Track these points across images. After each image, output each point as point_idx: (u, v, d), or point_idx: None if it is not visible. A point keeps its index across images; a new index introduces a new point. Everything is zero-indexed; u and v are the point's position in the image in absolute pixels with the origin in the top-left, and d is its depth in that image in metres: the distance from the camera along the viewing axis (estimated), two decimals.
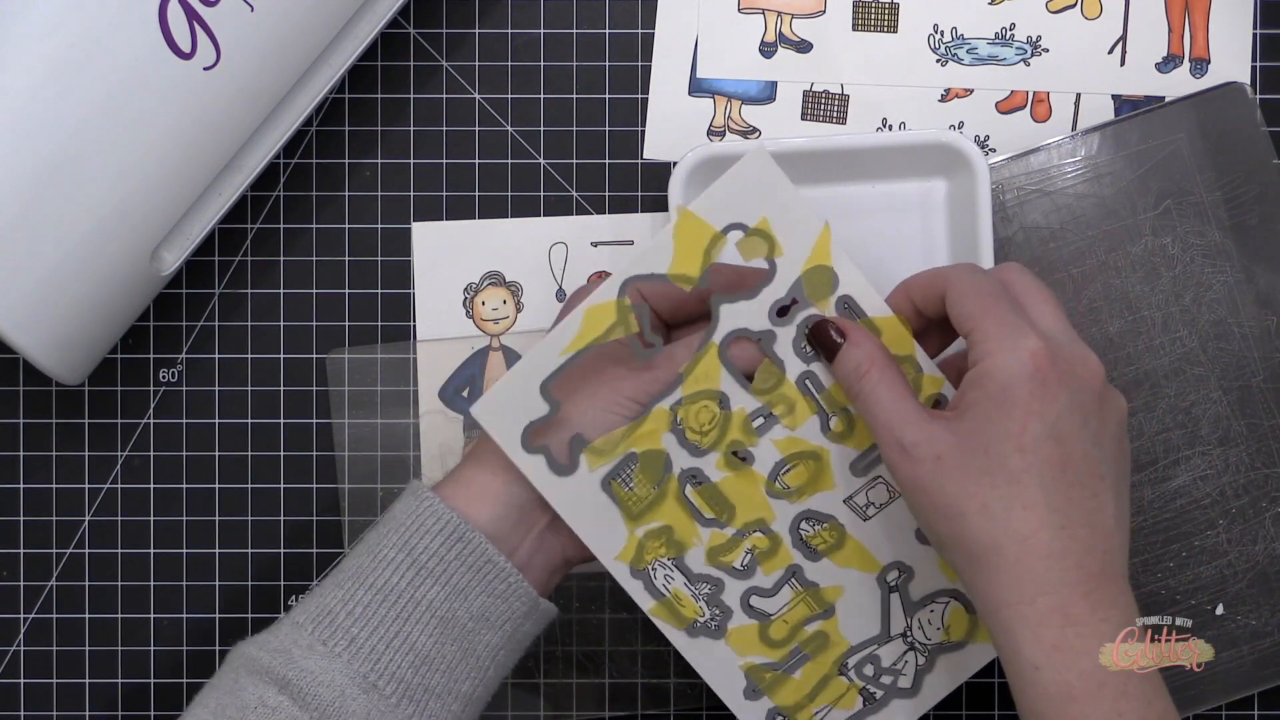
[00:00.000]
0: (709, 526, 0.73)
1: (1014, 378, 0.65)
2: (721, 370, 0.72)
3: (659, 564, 0.73)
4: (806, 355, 0.72)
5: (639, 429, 0.72)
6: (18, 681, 0.85)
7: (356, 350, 0.84)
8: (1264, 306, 0.83)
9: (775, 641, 0.75)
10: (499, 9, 0.85)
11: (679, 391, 0.72)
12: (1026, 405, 0.64)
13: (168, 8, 0.72)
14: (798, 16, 0.84)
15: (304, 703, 0.67)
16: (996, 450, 0.64)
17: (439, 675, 0.69)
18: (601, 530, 0.72)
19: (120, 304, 0.77)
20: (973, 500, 0.64)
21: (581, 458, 0.71)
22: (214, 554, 0.85)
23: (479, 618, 0.70)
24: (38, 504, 0.85)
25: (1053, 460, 0.64)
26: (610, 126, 0.84)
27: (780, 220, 0.70)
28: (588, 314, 0.71)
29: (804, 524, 0.73)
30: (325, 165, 0.85)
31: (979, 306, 0.67)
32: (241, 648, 0.70)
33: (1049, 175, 0.83)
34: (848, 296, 0.71)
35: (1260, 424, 0.83)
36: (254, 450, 0.85)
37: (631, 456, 0.72)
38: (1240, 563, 0.83)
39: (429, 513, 0.70)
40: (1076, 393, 0.65)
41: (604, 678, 0.85)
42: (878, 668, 0.76)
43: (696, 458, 0.72)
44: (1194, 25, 0.85)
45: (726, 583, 0.74)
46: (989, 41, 0.84)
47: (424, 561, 0.69)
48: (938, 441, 0.65)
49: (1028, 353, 0.65)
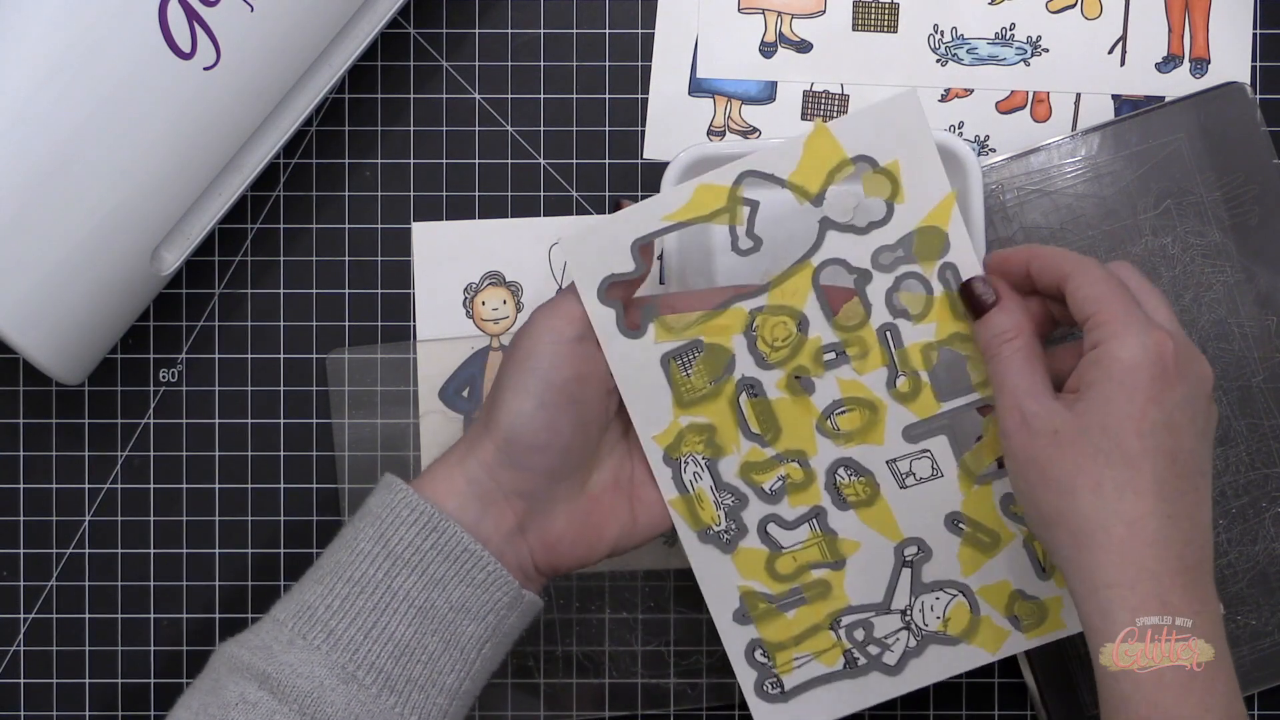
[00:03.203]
0: (751, 440, 0.73)
1: (1138, 363, 0.66)
2: (811, 292, 0.71)
3: (692, 459, 0.73)
4: (895, 308, 0.72)
5: (713, 319, 0.71)
6: (18, 681, 0.85)
7: (356, 350, 0.84)
8: (1264, 306, 0.83)
9: (779, 575, 0.75)
10: (499, 9, 0.85)
11: (763, 298, 0.71)
12: (1148, 392, 0.65)
13: (168, 8, 0.72)
14: (798, 16, 0.84)
15: (283, 695, 0.67)
16: (1114, 431, 0.65)
17: (420, 666, 0.69)
18: (648, 404, 0.72)
19: (120, 304, 0.77)
20: (1087, 478, 0.65)
21: (650, 326, 0.71)
22: (214, 554, 0.85)
23: (459, 608, 0.70)
24: (38, 504, 0.85)
25: (1166, 450, 0.65)
26: (610, 126, 0.84)
27: (910, 169, 0.70)
28: (700, 190, 0.70)
29: (841, 470, 0.73)
30: (325, 165, 0.85)
31: (1105, 292, 0.67)
32: (223, 648, 0.70)
33: (1049, 175, 0.83)
34: (953, 265, 0.71)
35: (1260, 424, 0.83)
36: (254, 450, 0.85)
37: (698, 343, 0.72)
38: (1240, 563, 0.83)
39: (403, 504, 0.70)
40: (1192, 388, 0.67)
41: (604, 678, 0.85)
42: (868, 635, 0.75)
43: (761, 369, 0.72)
44: (1194, 25, 0.85)
45: (751, 501, 0.74)
46: (989, 41, 0.84)
47: (399, 552, 0.70)
48: (1056, 416, 0.66)
49: (1153, 340, 0.66)
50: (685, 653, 0.85)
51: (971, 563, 0.74)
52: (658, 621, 0.85)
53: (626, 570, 0.85)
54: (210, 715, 0.67)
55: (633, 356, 0.71)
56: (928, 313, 0.72)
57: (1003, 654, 0.76)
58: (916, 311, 0.72)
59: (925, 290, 0.72)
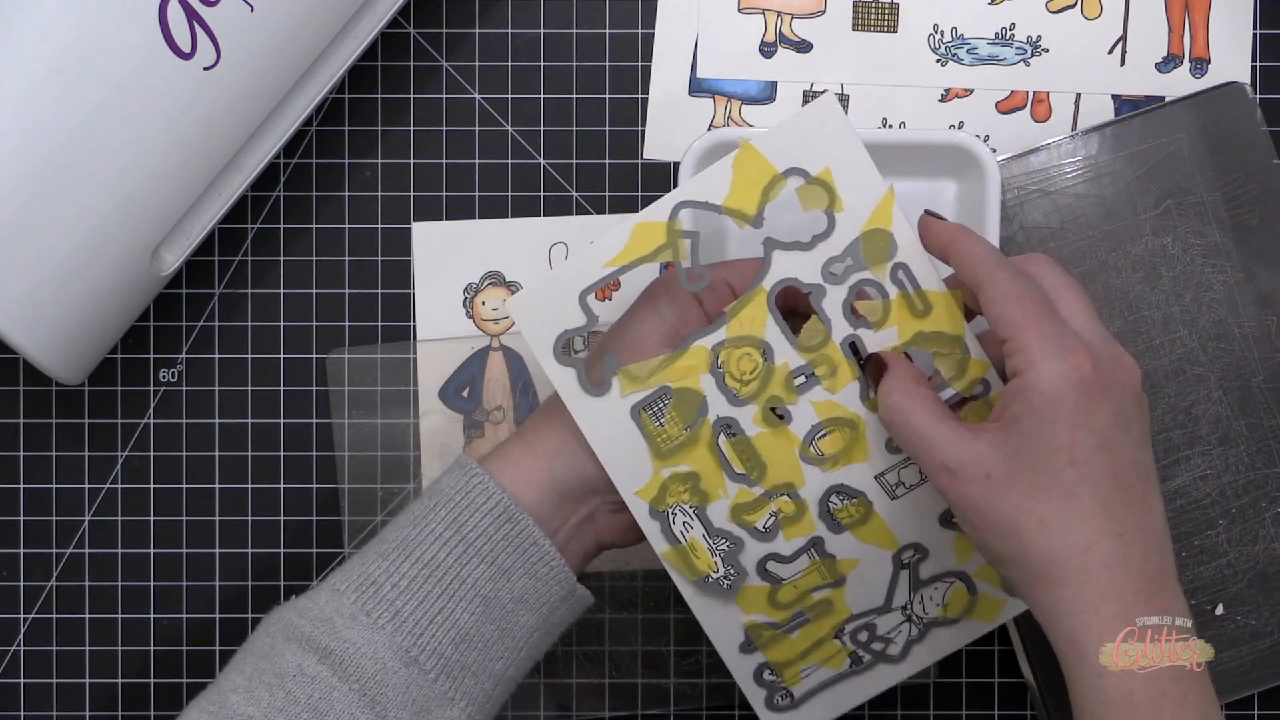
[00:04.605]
0: (738, 482, 0.72)
1: (1059, 390, 0.64)
2: (769, 318, 0.70)
3: (680, 509, 0.72)
4: (853, 320, 0.70)
5: (676, 362, 0.70)
6: (18, 681, 0.85)
7: (356, 350, 0.84)
8: (1264, 306, 0.83)
9: (781, 604, 0.74)
10: (499, 9, 0.85)
11: (722, 332, 0.70)
12: (1074, 418, 0.64)
13: (168, 8, 0.72)
14: (798, 16, 0.84)
15: (344, 674, 0.67)
16: (1047, 465, 0.64)
17: (476, 653, 0.69)
18: (626, 461, 0.71)
19: (120, 304, 0.77)
20: (1029, 517, 0.64)
21: (614, 380, 0.70)
22: (214, 554, 0.85)
23: (519, 599, 0.70)
24: (38, 504, 0.85)
25: (1104, 470, 0.64)
26: (610, 126, 0.84)
27: (843, 174, 0.69)
28: (636, 229, 0.69)
29: (834, 498, 0.72)
30: (325, 165, 0.85)
31: (1019, 312, 0.65)
32: (279, 613, 0.69)
33: (1049, 175, 0.83)
34: (903, 264, 0.70)
35: (1260, 424, 0.83)
36: (254, 450, 0.85)
37: (665, 390, 0.70)
38: (1240, 563, 0.83)
39: (479, 490, 0.69)
40: (1119, 399, 0.65)
41: (604, 678, 0.85)
42: (872, 634, 0.75)
43: (734, 407, 0.71)
44: (1194, 25, 0.85)
45: (747, 543, 0.73)
46: (989, 41, 0.84)
47: (472, 539, 0.69)
48: (985, 460, 0.65)
49: (1070, 365, 0.64)
50: (685, 653, 0.85)
51: (966, 550, 0.74)
52: (658, 621, 0.85)
53: (626, 570, 0.85)
54: (265, 683, 0.67)
55: (602, 415, 0.70)
56: (886, 318, 0.70)
57: (1000, 620, 0.76)
58: (876, 319, 0.70)
59: (880, 295, 0.70)
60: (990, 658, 0.85)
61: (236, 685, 0.67)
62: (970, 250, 0.68)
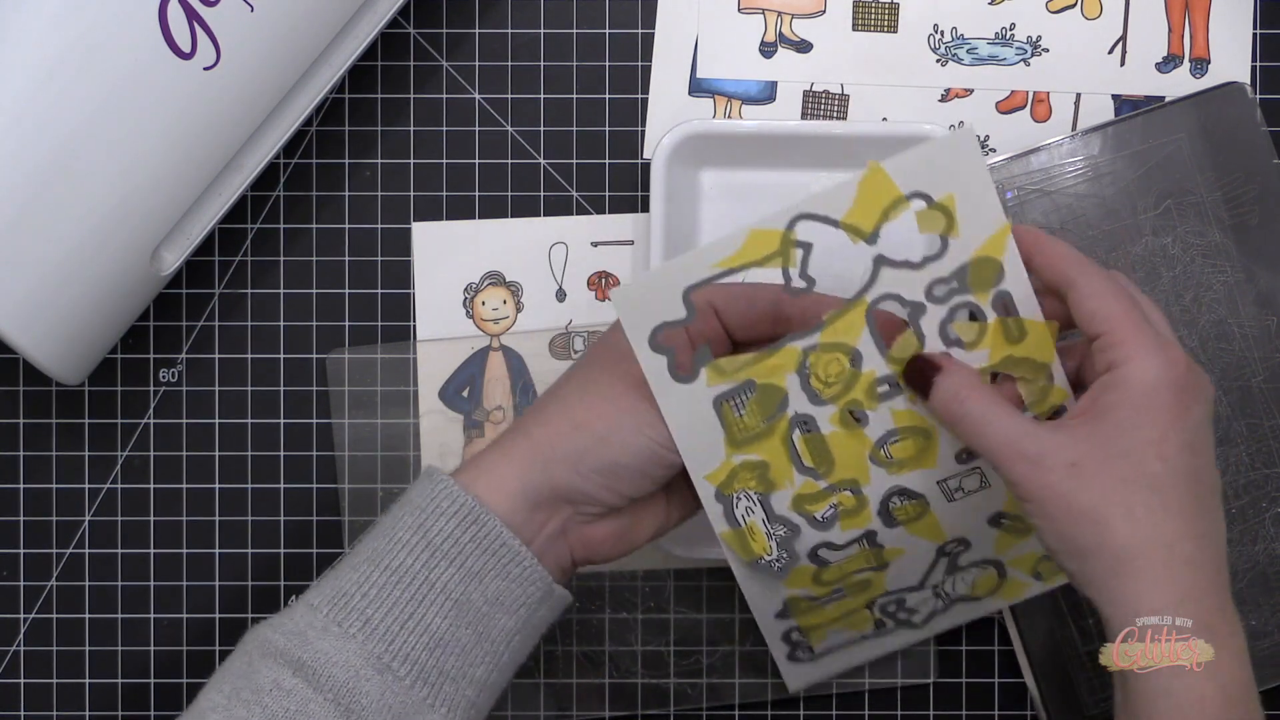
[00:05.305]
0: (805, 474, 0.73)
1: (1158, 384, 0.64)
2: (864, 328, 0.71)
3: (744, 494, 0.73)
4: (949, 338, 0.71)
5: (766, 360, 0.71)
6: (18, 681, 0.85)
7: (356, 350, 0.84)
8: (1264, 306, 0.83)
9: (824, 582, 0.76)
10: (499, 9, 0.85)
11: (816, 336, 0.71)
12: (1170, 413, 0.64)
13: (168, 8, 0.72)
14: (798, 16, 0.84)
15: (318, 684, 0.67)
16: (1138, 456, 0.64)
17: (453, 658, 0.69)
18: (700, 446, 0.72)
19: (120, 304, 0.77)
20: (1117, 506, 0.64)
21: (703, 371, 0.71)
22: (214, 554, 0.85)
23: (494, 601, 0.70)
24: (38, 504, 0.85)
25: (1188, 471, 0.64)
26: (610, 126, 0.84)
27: (966, 204, 0.69)
28: (752, 235, 0.70)
29: (895, 498, 0.74)
30: (325, 165, 0.85)
31: (1118, 308, 0.66)
32: (256, 630, 0.70)
33: (1049, 175, 0.83)
34: (1006, 293, 0.70)
35: (1260, 424, 0.83)
36: (254, 450, 0.85)
37: (750, 384, 0.71)
38: (1240, 563, 0.83)
39: (445, 496, 0.70)
40: (1205, 408, 0.66)
41: (604, 678, 0.85)
42: (900, 607, 0.78)
43: (814, 406, 0.72)
44: (1194, 25, 0.85)
45: (804, 531, 0.74)
46: (989, 41, 0.84)
47: (438, 544, 0.69)
48: (1069, 448, 0.65)
49: (1169, 361, 0.65)
50: (685, 653, 0.85)
51: (1005, 544, 0.76)
52: (658, 621, 0.85)
53: (626, 570, 0.85)
54: (243, 700, 0.67)
55: (685, 401, 0.71)
56: (980, 340, 0.71)
57: (1023, 598, 0.79)
58: (970, 340, 0.71)
59: (979, 318, 0.71)
60: (990, 658, 0.85)
61: (215, 704, 0.68)
62: (1057, 250, 0.69)
